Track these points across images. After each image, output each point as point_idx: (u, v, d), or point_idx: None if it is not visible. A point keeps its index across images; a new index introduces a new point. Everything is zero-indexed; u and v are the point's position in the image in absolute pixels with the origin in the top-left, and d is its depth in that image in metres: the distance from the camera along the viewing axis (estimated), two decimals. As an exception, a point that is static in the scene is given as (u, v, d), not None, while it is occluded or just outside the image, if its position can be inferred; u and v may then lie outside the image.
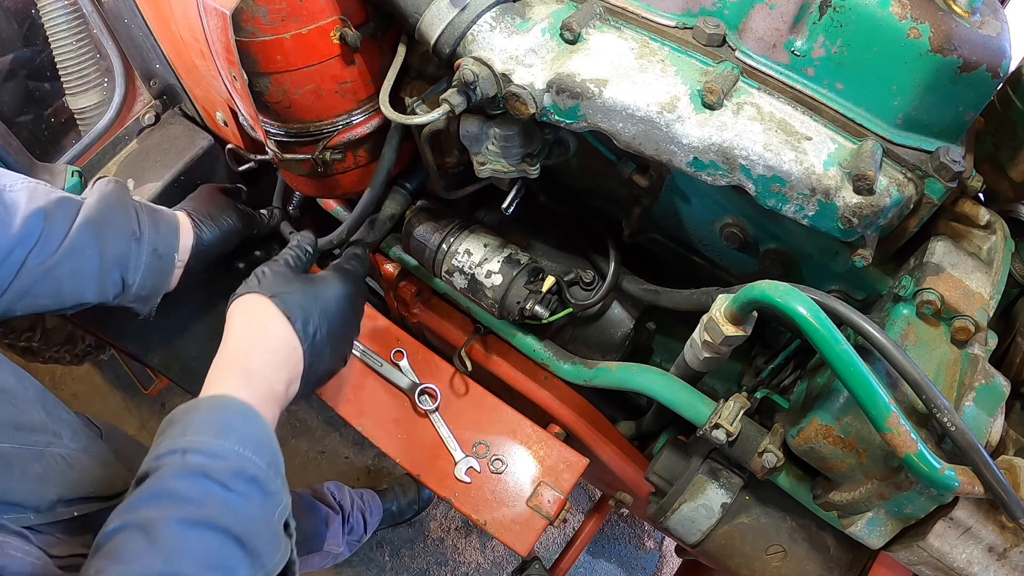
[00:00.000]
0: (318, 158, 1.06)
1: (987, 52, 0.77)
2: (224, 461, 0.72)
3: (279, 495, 0.76)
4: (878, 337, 0.75)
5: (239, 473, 0.72)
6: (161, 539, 0.65)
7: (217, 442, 0.73)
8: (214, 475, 0.70)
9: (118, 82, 1.32)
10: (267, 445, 0.77)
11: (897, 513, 0.84)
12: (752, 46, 0.87)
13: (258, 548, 0.70)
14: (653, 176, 1.05)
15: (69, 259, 0.95)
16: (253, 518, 0.72)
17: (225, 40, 0.86)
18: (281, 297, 0.89)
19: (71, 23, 1.29)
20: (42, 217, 0.93)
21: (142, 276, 1.02)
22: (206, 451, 0.72)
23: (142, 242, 1.02)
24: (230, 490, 0.70)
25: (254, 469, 0.73)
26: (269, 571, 0.72)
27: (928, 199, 0.85)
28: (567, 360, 1.21)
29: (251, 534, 0.70)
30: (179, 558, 0.65)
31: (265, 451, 0.76)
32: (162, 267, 1.05)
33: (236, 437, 0.74)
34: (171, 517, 0.67)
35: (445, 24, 0.90)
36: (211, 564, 0.66)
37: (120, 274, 1.00)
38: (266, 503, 0.74)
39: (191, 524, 0.67)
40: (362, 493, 2.24)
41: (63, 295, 0.96)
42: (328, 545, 1.96)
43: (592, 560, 2.47)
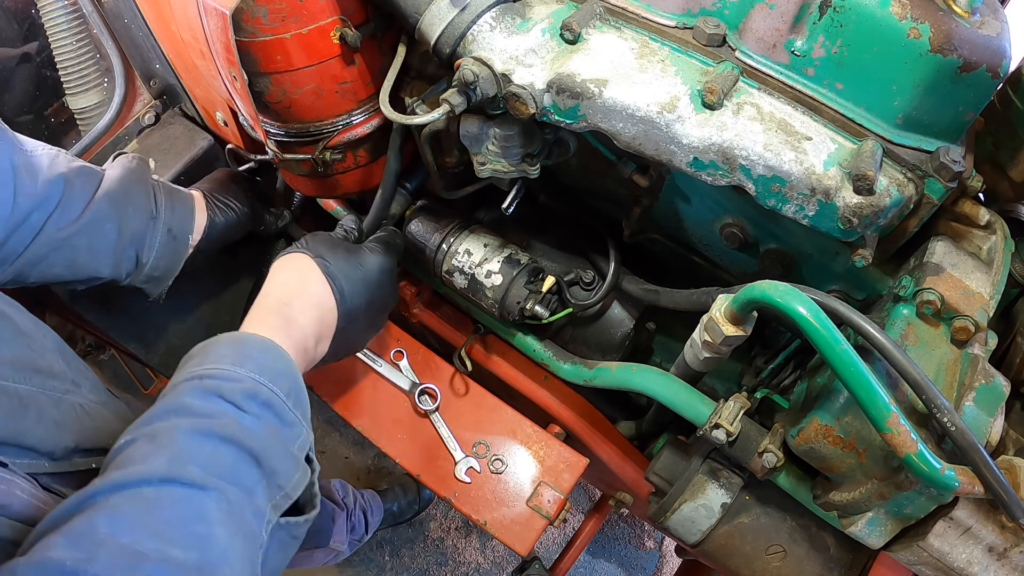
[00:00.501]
0: (318, 158, 1.06)
1: (987, 52, 0.77)
2: (239, 384, 0.72)
3: (298, 426, 0.76)
4: (878, 337, 0.75)
5: (253, 395, 0.72)
6: (170, 444, 0.64)
7: (233, 368, 0.73)
8: (228, 395, 0.70)
9: (118, 82, 1.32)
10: (286, 376, 0.77)
11: (897, 513, 0.84)
12: (752, 46, 0.87)
13: (274, 467, 0.69)
14: (653, 176, 1.05)
15: (88, 230, 0.94)
16: (267, 438, 0.70)
17: (225, 40, 0.86)
18: (325, 259, 0.93)
19: (71, 23, 1.29)
20: (63, 183, 0.92)
21: (156, 256, 1.01)
22: (220, 375, 0.72)
23: (158, 221, 1.01)
24: (244, 411, 0.70)
25: (268, 394, 0.73)
26: (287, 492, 0.71)
27: (928, 199, 0.85)
28: (567, 360, 1.21)
29: (266, 452, 0.69)
30: (186, 462, 0.63)
31: (283, 381, 0.76)
32: (176, 248, 1.04)
33: (252, 365, 0.74)
34: (182, 426, 0.66)
35: (445, 24, 0.90)
36: (222, 474, 0.64)
37: (136, 251, 1.00)
38: (282, 429, 0.73)
39: (203, 434, 0.66)
40: (364, 493, 2.25)
41: (78, 266, 0.95)
42: (333, 542, 1.97)
43: (592, 560, 2.47)
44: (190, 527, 0.60)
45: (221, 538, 0.61)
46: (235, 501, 0.64)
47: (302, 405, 0.78)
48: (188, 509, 0.61)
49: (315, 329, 0.89)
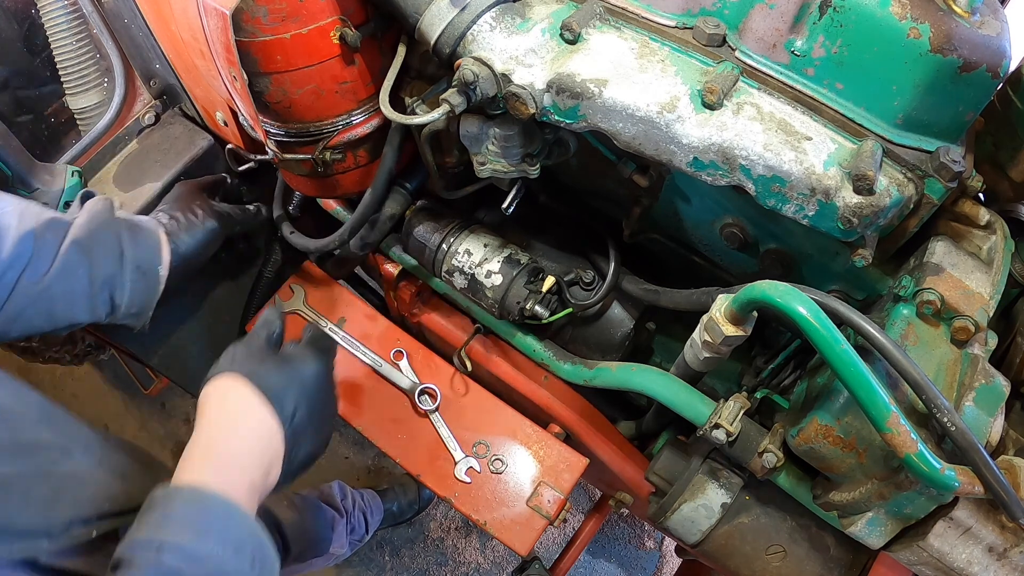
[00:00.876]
0: (318, 158, 1.06)
1: (987, 52, 0.77)
2: (201, 565, 0.68)
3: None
4: (878, 337, 0.75)
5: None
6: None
7: (195, 542, 0.69)
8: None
9: (118, 82, 1.32)
10: (250, 542, 0.73)
11: (897, 513, 0.84)
12: (752, 46, 0.87)
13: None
14: (653, 176, 1.05)
15: (60, 279, 0.95)
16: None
17: (225, 40, 0.86)
18: (257, 376, 0.85)
19: (71, 23, 1.29)
20: (31, 238, 0.93)
21: (129, 294, 1.03)
22: (183, 552, 0.68)
23: (125, 260, 1.02)
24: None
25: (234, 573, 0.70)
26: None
27: (928, 199, 0.85)
28: (567, 360, 1.21)
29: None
30: None
31: (247, 549, 0.72)
32: (147, 283, 1.05)
33: (216, 537, 0.70)
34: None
35: (445, 24, 0.90)
36: None
37: (109, 293, 1.01)
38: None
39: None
40: (363, 493, 2.25)
41: (56, 315, 0.97)
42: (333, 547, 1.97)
43: (592, 560, 2.47)
44: None
45: None
46: None
47: (269, 568, 0.75)
48: None
49: (262, 463, 0.82)
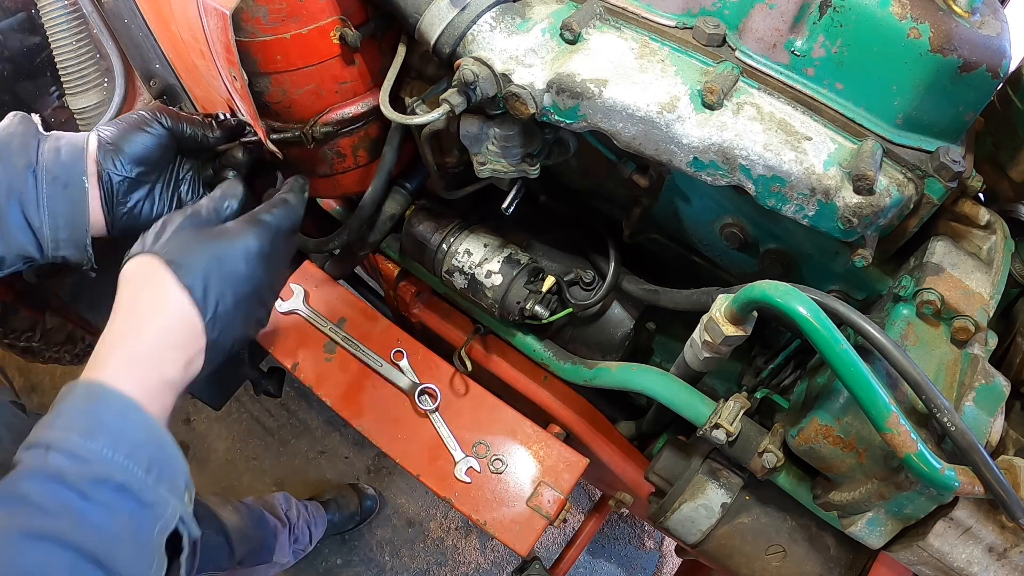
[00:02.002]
0: (307, 132, 1.01)
1: (987, 52, 0.77)
2: (87, 466, 0.63)
3: (160, 505, 0.67)
4: (878, 337, 0.75)
5: (103, 481, 0.64)
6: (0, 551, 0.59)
7: (83, 442, 0.64)
8: (72, 482, 0.63)
9: (118, 82, 1.32)
10: (147, 446, 0.68)
11: (897, 513, 0.84)
12: (752, 46, 0.87)
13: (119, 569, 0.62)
14: (653, 176, 1.05)
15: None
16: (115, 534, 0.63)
17: (225, 40, 0.86)
18: (179, 259, 0.76)
19: (71, 23, 1.29)
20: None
21: (49, 213, 0.85)
22: (69, 451, 0.64)
23: (38, 173, 0.84)
24: (89, 500, 0.63)
25: (123, 476, 0.65)
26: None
27: (928, 199, 0.85)
28: (567, 360, 1.21)
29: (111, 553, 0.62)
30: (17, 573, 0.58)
31: (142, 453, 0.67)
32: (70, 197, 0.86)
33: (107, 439, 0.65)
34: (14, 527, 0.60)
35: (445, 24, 0.90)
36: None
37: (22, 214, 0.84)
38: (138, 514, 0.65)
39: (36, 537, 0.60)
40: (307, 505, 2.30)
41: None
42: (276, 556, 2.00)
43: (592, 560, 2.47)
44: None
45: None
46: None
47: (168, 474, 0.69)
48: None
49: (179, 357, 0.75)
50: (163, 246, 0.78)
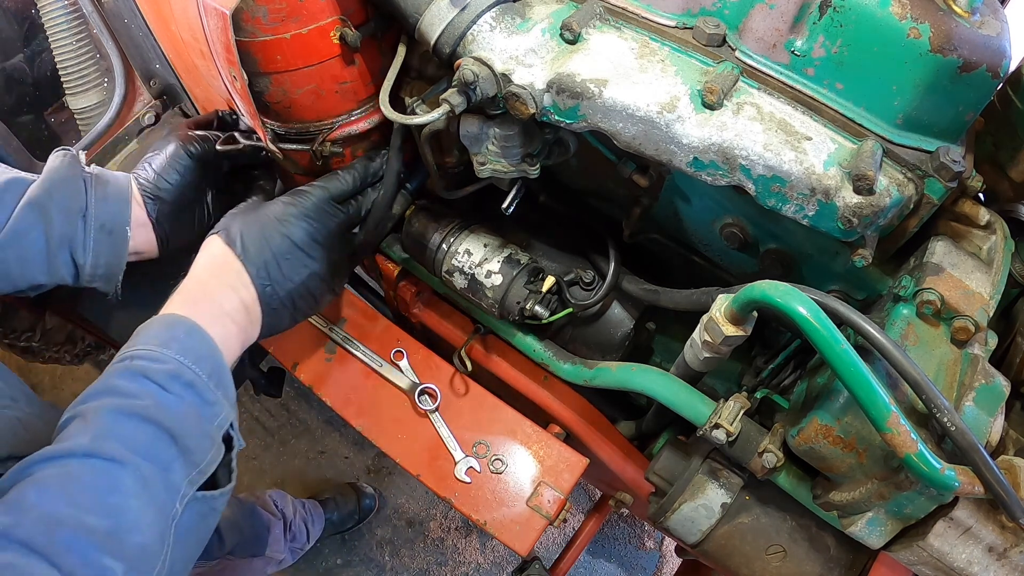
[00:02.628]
0: (317, 151, 1.05)
1: (987, 52, 0.77)
2: (163, 365, 0.78)
3: (218, 405, 0.81)
4: (878, 337, 0.75)
5: (176, 376, 0.78)
6: (94, 422, 0.72)
7: (160, 350, 0.79)
8: (153, 376, 0.76)
9: (118, 82, 1.32)
10: (208, 358, 0.82)
11: (897, 513, 0.84)
12: (752, 46, 0.87)
13: (189, 445, 0.75)
14: (653, 176, 1.05)
15: (13, 243, 0.93)
16: (186, 417, 0.77)
17: (225, 40, 0.86)
18: (223, 226, 0.97)
19: (71, 23, 1.29)
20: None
21: (93, 254, 0.99)
22: (148, 356, 0.78)
23: (88, 219, 0.98)
24: (166, 390, 0.76)
25: (191, 376, 0.79)
26: (203, 469, 0.77)
27: (928, 199, 0.85)
28: (567, 360, 1.21)
29: (183, 431, 0.75)
30: (107, 439, 0.71)
31: (205, 363, 0.81)
32: (114, 243, 1.00)
33: (177, 347, 0.80)
34: (107, 406, 0.73)
35: (445, 24, 0.90)
36: (140, 450, 0.71)
37: (70, 254, 0.97)
38: (202, 408, 0.79)
39: (125, 413, 0.73)
40: (304, 503, 2.30)
41: (13, 278, 0.96)
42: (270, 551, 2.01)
43: (592, 560, 2.47)
44: (105, 497, 0.68)
45: (133, 508, 0.69)
46: (149, 476, 0.71)
47: (224, 385, 0.84)
48: (105, 481, 0.69)
49: (230, 293, 0.92)
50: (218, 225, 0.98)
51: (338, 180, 1.05)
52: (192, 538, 0.77)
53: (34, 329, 1.70)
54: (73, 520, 0.65)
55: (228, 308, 0.91)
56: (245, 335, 0.94)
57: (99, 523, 0.66)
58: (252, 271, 0.93)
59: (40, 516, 0.64)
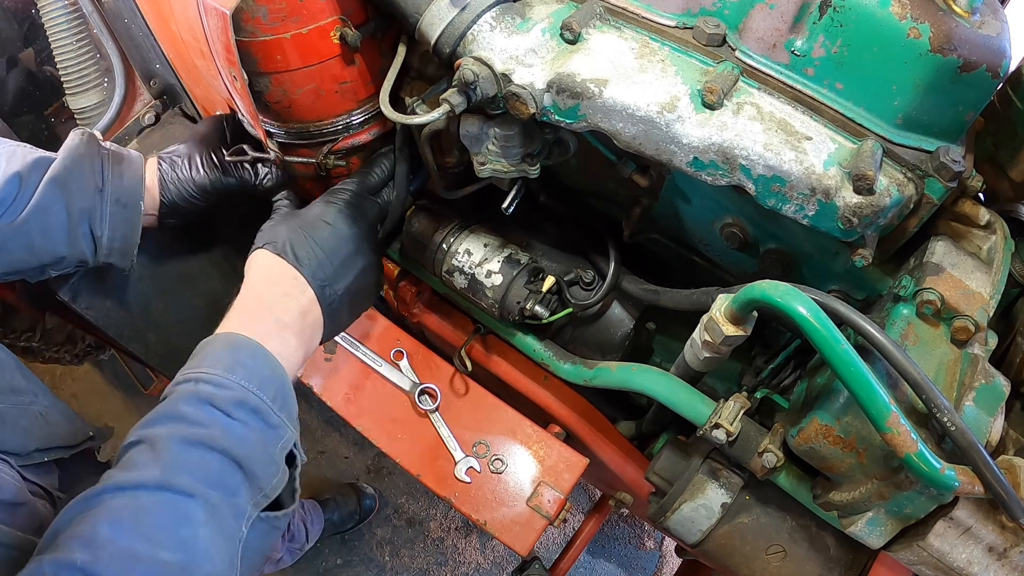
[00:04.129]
0: (321, 163, 1.07)
1: (987, 52, 0.77)
2: (229, 392, 0.79)
3: (282, 427, 0.83)
4: (878, 337, 0.75)
5: (241, 403, 0.79)
6: (163, 453, 0.73)
7: (226, 376, 0.80)
8: (219, 404, 0.78)
9: (118, 82, 1.32)
10: (273, 381, 0.84)
11: (897, 513, 0.84)
12: (752, 46, 0.87)
13: (256, 471, 0.77)
14: (653, 176, 1.05)
15: (37, 216, 0.98)
16: (252, 444, 0.78)
17: (225, 40, 0.86)
18: (269, 239, 0.97)
19: (71, 23, 1.29)
20: (17, 181, 0.97)
21: (110, 227, 1.03)
22: (215, 382, 0.79)
23: (105, 193, 1.03)
24: (232, 418, 0.78)
25: (256, 401, 0.80)
26: (267, 494, 0.79)
27: (928, 199, 0.85)
28: (567, 360, 1.21)
29: (249, 458, 0.77)
30: (176, 471, 0.72)
31: (269, 386, 0.83)
32: (128, 216, 1.05)
33: (243, 373, 0.81)
34: (175, 435, 0.75)
35: (445, 24, 0.90)
36: (208, 480, 0.73)
37: (89, 226, 1.02)
38: (267, 433, 0.81)
39: (192, 443, 0.74)
40: (304, 503, 2.30)
41: (36, 250, 1.00)
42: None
43: (592, 560, 2.47)
44: (177, 531, 0.69)
45: (203, 539, 0.70)
46: (218, 505, 0.73)
47: (288, 407, 0.85)
48: (176, 514, 0.70)
49: (289, 303, 0.94)
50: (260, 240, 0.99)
51: (370, 174, 1.08)
52: (256, 555, 0.79)
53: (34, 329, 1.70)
54: (148, 555, 0.66)
55: (287, 319, 0.92)
56: (307, 344, 0.95)
57: (172, 557, 0.67)
58: (307, 274, 0.95)
59: (117, 552, 0.65)
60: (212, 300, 1.37)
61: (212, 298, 1.37)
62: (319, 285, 0.96)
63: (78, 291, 1.18)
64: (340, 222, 1.00)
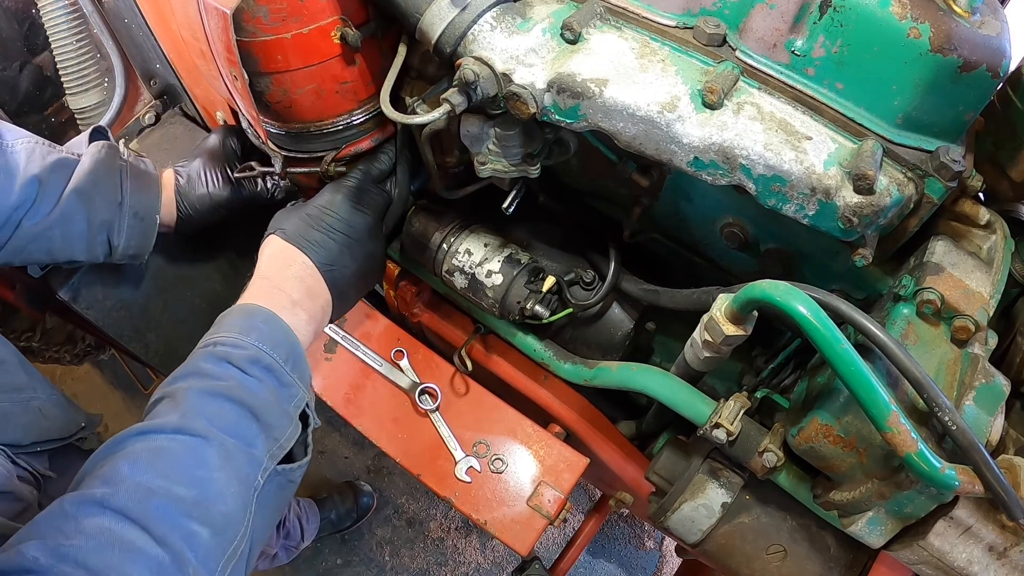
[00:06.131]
0: (324, 171, 1.08)
1: (987, 52, 0.77)
2: (244, 351, 0.85)
3: (294, 387, 0.88)
4: (880, 335, 0.75)
5: (256, 361, 0.84)
6: (183, 402, 0.78)
7: (241, 338, 0.86)
8: (234, 360, 0.83)
9: (118, 82, 1.32)
10: (285, 344, 0.89)
11: (897, 512, 0.84)
12: (752, 46, 0.87)
13: (271, 422, 0.82)
14: (654, 176, 1.05)
15: (60, 223, 1.04)
16: (265, 397, 0.83)
17: (226, 40, 0.86)
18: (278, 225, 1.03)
19: (71, 23, 1.29)
20: (36, 184, 1.02)
21: (126, 238, 1.10)
22: (231, 343, 0.85)
23: (124, 207, 1.09)
24: (247, 373, 0.83)
25: (269, 360, 0.86)
26: (282, 444, 0.83)
27: (928, 199, 0.85)
28: (567, 360, 1.21)
29: (264, 409, 0.81)
30: (194, 417, 0.76)
31: (282, 349, 0.88)
32: (144, 229, 1.12)
33: (256, 335, 0.87)
34: (194, 387, 0.80)
35: (446, 24, 0.90)
36: (224, 427, 0.77)
37: (107, 236, 1.09)
38: (279, 390, 0.86)
39: (211, 393, 0.79)
40: (299, 500, 2.30)
41: (55, 252, 1.07)
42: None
43: (592, 560, 2.47)
44: (192, 470, 0.73)
45: (218, 481, 0.74)
46: (233, 451, 0.77)
47: (300, 369, 0.90)
48: (192, 455, 0.74)
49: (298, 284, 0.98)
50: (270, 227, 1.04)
51: (373, 164, 1.11)
52: (271, 507, 0.82)
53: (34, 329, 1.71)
54: (163, 490, 0.70)
55: (297, 297, 0.97)
56: (316, 322, 1.00)
57: (187, 493, 0.71)
58: (315, 258, 1.00)
59: (133, 486, 0.69)
60: (212, 300, 1.37)
61: (212, 298, 1.37)
62: (327, 268, 1.00)
63: (78, 291, 1.18)
64: (345, 209, 1.04)
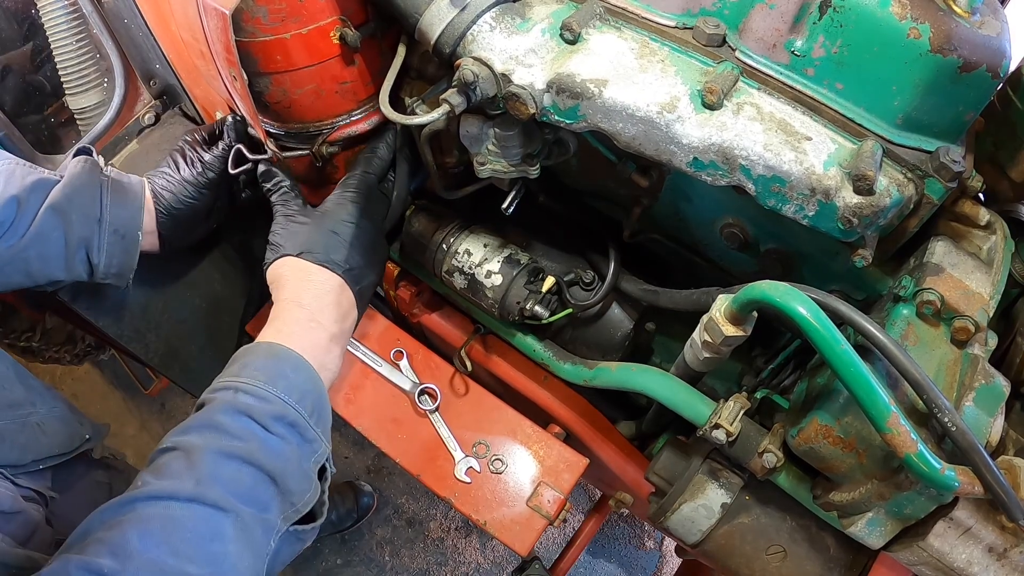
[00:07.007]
0: (316, 152, 1.06)
1: (987, 52, 0.77)
2: (269, 405, 0.80)
3: (317, 442, 0.84)
4: (879, 336, 0.75)
5: (280, 418, 0.80)
6: (198, 464, 0.73)
7: (267, 389, 0.81)
8: (257, 416, 0.78)
9: (118, 82, 1.32)
10: (312, 394, 0.85)
11: (897, 513, 0.84)
12: (752, 46, 0.87)
13: (289, 487, 0.78)
14: (653, 176, 1.05)
15: (36, 243, 0.99)
16: (287, 458, 0.79)
17: (225, 40, 0.86)
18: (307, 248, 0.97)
19: (71, 23, 1.29)
20: (15, 205, 0.97)
21: (106, 255, 1.05)
22: (255, 393, 0.80)
23: (103, 224, 1.03)
24: (270, 432, 0.78)
25: (294, 416, 0.81)
26: (299, 509, 0.80)
27: (928, 199, 0.85)
28: (567, 360, 1.21)
29: (284, 473, 0.78)
30: (210, 484, 0.72)
31: (308, 400, 0.84)
32: (125, 246, 1.06)
33: (284, 385, 0.82)
34: (211, 447, 0.75)
35: (445, 24, 0.90)
36: (241, 495, 0.74)
37: (86, 254, 1.03)
38: (302, 447, 0.82)
39: (228, 456, 0.75)
40: None
41: (33, 274, 1.01)
42: None
43: (592, 560, 2.47)
44: (207, 546, 0.69)
45: (232, 555, 0.70)
46: (249, 520, 0.73)
47: (323, 421, 0.86)
48: (207, 529, 0.70)
49: (334, 313, 0.95)
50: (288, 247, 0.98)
51: (375, 159, 1.08)
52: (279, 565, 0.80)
53: (34, 329, 1.71)
54: (176, 569, 0.67)
55: (335, 331, 0.94)
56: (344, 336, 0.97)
57: (200, 572, 0.68)
58: (349, 278, 0.98)
59: (144, 564, 0.65)
60: (212, 300, 1.37)
61: (212, 298, 1.37)
62: (355, 285, 0.98)
63: (78, 292, 1.18)
64: (361, 217, 1.02)
